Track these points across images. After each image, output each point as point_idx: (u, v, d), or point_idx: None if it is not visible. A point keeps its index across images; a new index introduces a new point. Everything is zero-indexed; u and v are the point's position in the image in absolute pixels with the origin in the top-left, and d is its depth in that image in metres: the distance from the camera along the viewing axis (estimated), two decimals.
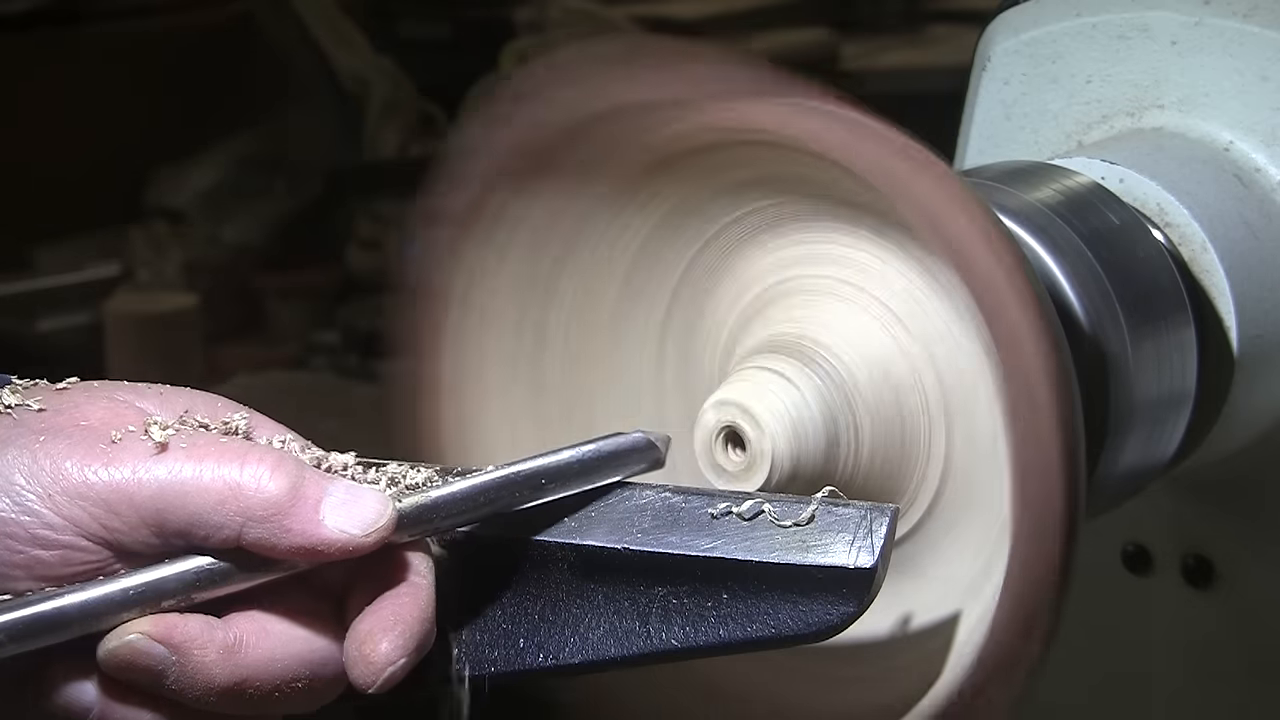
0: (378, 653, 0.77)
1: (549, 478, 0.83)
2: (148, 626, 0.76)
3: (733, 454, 0.88)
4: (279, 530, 0.76)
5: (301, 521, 0.76)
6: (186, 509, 0.75)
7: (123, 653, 0.75)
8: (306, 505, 0.76)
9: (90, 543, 0.76)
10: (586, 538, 0.83)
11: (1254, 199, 1.04)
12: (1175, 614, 1.14)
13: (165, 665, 0.75)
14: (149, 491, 0.75)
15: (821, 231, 0.92)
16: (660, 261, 0.96)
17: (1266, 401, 1.04)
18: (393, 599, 0.78)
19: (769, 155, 0.88)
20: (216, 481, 0.76)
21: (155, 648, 0.75)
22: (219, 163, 3.48)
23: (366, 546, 0.77)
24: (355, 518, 0.77)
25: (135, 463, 0.76)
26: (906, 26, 3.78)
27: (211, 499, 0.75)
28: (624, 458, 0.85)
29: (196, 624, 0.76)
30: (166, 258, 3.30)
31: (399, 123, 3.50)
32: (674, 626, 0.81)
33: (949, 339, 0.88)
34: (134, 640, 0.75)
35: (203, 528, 0.76)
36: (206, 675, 0.76)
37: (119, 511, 0.75)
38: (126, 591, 0.76)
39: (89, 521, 0.75)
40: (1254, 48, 1.04)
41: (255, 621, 0.77)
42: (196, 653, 0.76)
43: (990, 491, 0.88)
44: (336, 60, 3.55)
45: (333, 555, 0.77)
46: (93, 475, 0.75)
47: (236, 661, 0.76)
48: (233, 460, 0.76)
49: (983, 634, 0.81)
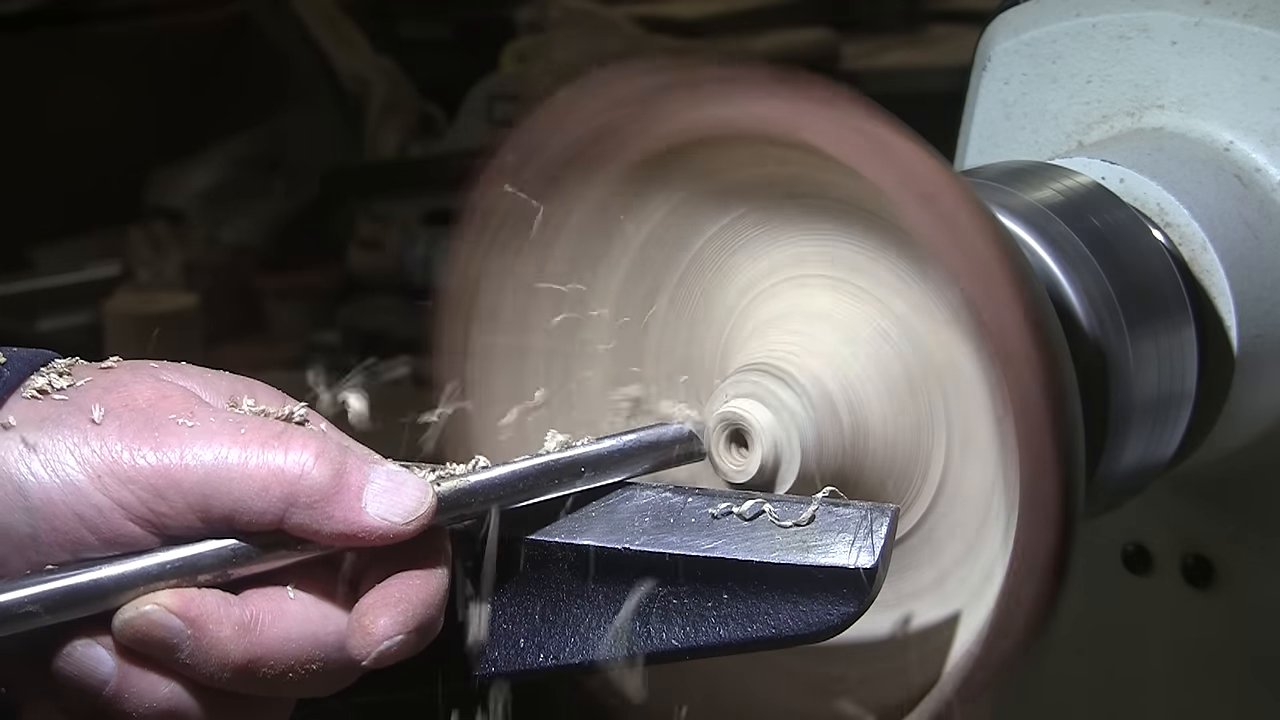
0: (377, 625, 0.77)
1: (588, 465, 0.83)
2: (165, 599, 0.76)
3: (736, 454, 0.88)
4: (322, 516, 0.76)
5: (344, 509, 0.76)
6: (231, 494, 0.76)
7: (139, 623, 0.76)
8: (349, 492, 0.77)
9: (136, 526, 0.76)
10: (586, 538, 0.83)
11: (1254, 199, 1.04)
12: (1175, 614, 1.14)
13: (180, 639, 0.76)
14: (195, 477, 0.76)
15: (820, 231, 0.92)
16: (660, 262, 0.96)
17: (1266, 401, 1.04)
18: (402, 579, 0.78)
19: (771, 156, 0.88)
20: (261, 468, 0.76)
21: (171, 620, 0.76)
22: (219, 163, 3.48)
23: (407, 534, 0.77)
24: (398, 505, 0.77)
25: (182, 447, 0.76)
26: (906, 26, 3.78)
27: (256, 485, 0.76)
28: (664, 448, 0.85)
29: (213, 599, 0.76)
30: (166, 258, 3.30)
31: (399, 123, 3.50)
32: (674, 626, 0.81)
33: (948, 340, 0.88)
34: (150, 612, 0.75)
35: (246, 513, 0.76)
36: (221, 651, 0.76)
37: (166, 496, 0.76)
38: (163, 566, 0.76)
39: (136, 505, 0.75)
40: (1254, 48, 1.04)
41: (272, 600, 0.78)
42: (212, 628, 0.76)
43: (990, 492, 0.88)
44: (336, 60, 3.55)
45: (373, 542, 0.77)
46: (141, 459, 0.75)
47: (251, 639, 0.76)
48: (277, 446, 0.77)
49: (983, 635, 0.81)
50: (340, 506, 0.76)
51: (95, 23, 3.53)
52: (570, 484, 0.83)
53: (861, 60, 3.54)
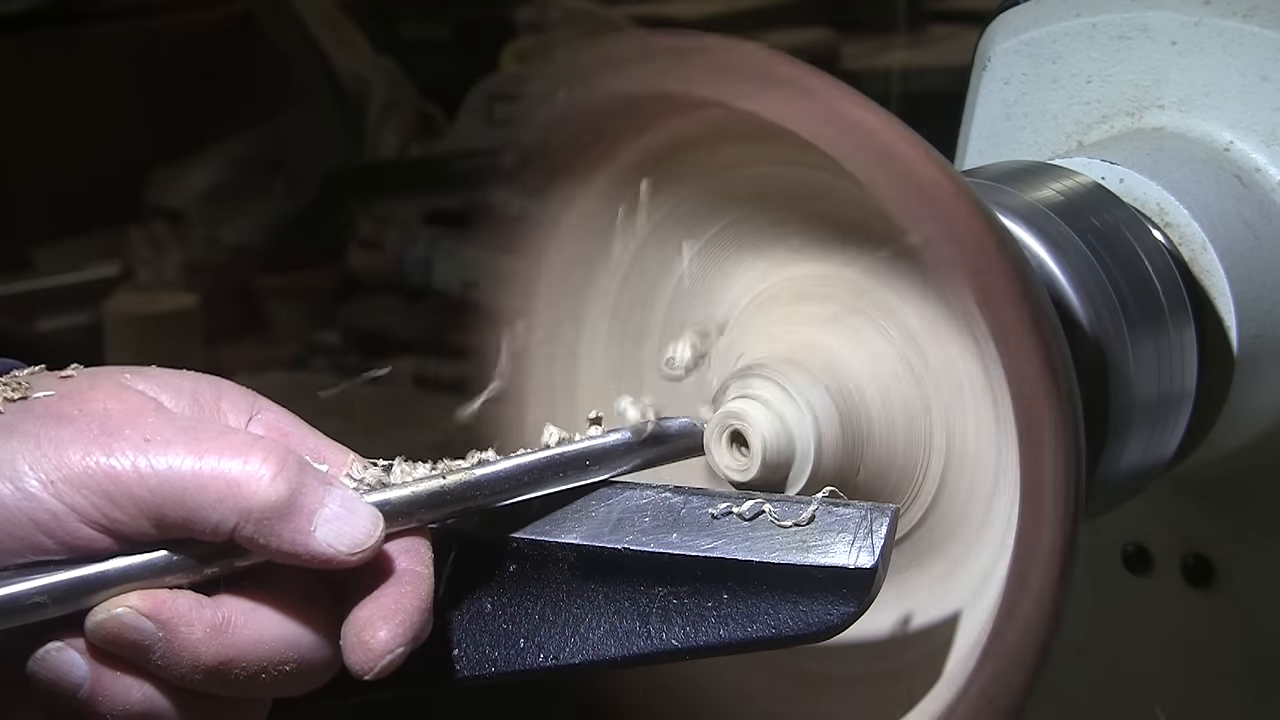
0: (376, 640, 0.77)
1: (593, 459, 0.84)
2: (136, 601, 0.76)
3: (737, 453, 0.88)
4: (270, 534, 0.76)
5: (293, 529, 0.76)
6: (185, 504, 0.75)
7: (110, 625, 0.76)
8: (301, 514, 0.76)
9: (92, 530, 0.76)
10: (586, 538, 0.83)
11: (1254, 199, 1.04)
12: (1175, 614, 1.14)
13: (151, 640, 0.76)
14: (149, 485, 0.75)
15: (820, 232, 0.92)
16: (659, 262, 0.96)
17: (1266, 401, 1.04)
18: (395, 586, 0.78)
19: (772, 155, 0.88)
20: (216, 478, 0.76)
21: (142, 622, 0.76)
22: (219, 163, 3.48)
23: (350, 564, 0.77)
24: (345, 534, 0.77)
25: (136, 454, 0.76)
26: (906, 26, 3.77)
27: (210, 496, 0.75)
28: (669, 441, 0.85)
29: (185, 601, 0.76)
30: (166, 258, 3.30)
31: (399, 123, 3.50)
32: (674, 626, 0.81)
33: (947, 339, 0.88)
34: (121, 614, 0.76)
35: (199, 523, 0.76)
36: (192, 653, 0.76)
37: (119, 502, 0.75)
38: (126, 570, 0.76)
39: (90, 510, 0.75)
40: (1254, 48, 1.04)
41: (245, 602, 0.78)
42: (183, 630, 0.76)
43: (990, 491, 0.88)
44: (336, 60, 3.55)
45: (316, 566, 0.77)
46: (93, 464, 0.75)
47: (223, 641, 0.76)
48: (235, 456, 0.76)
49: (984, 635, 0.81)
50: (289, 527, 0.76)
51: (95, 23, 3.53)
52: (577, 477, 0.83)
53: (861, 60, 3.54)
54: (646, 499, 0.83)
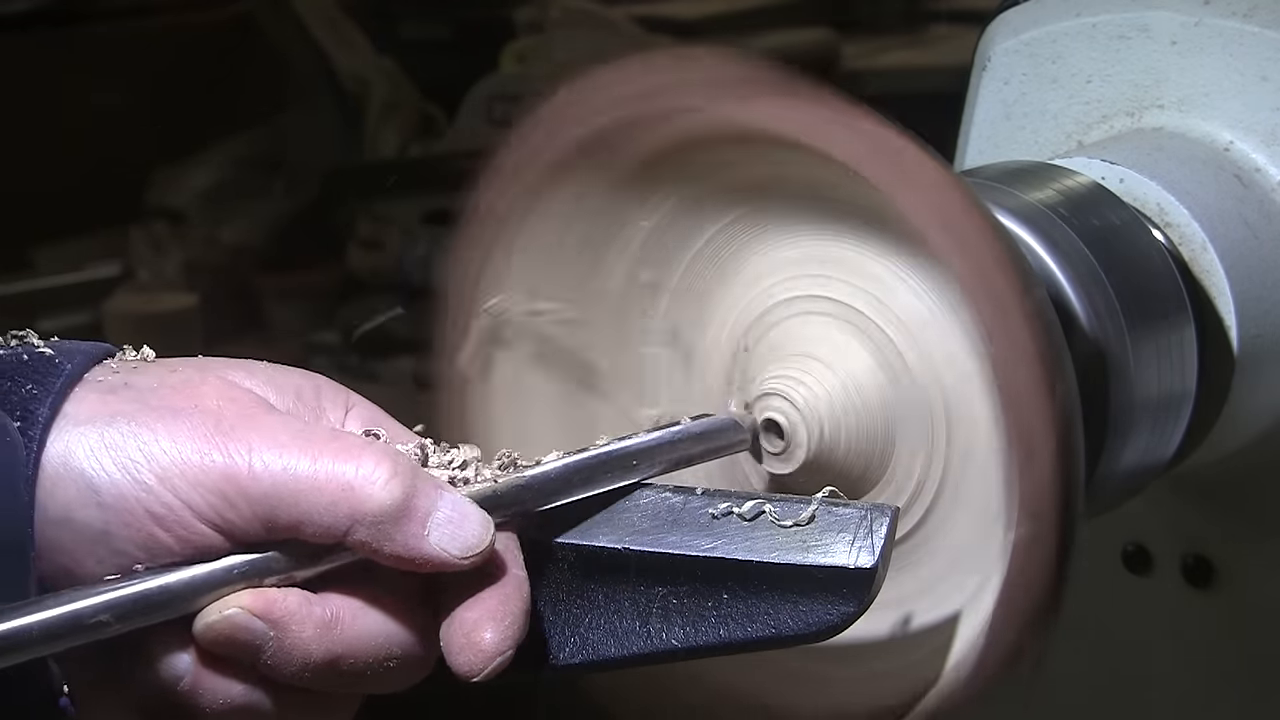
0: (485, 641, 0.77)
1: (639, 458, 0.83)
2: (247, 601, 0.75)
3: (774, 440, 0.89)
4: (384, 538, 0.76)
5: (406, 534, 0.76)
6: (299, 507, 0.75)
7: (221, 627, 0.75)
8: (415, 518, 0.76)
9: (205, 527, 0.75)
10: (586, 538, 0.83)
11: (1254, 199, 1.04)
12: (1175, 614, 1.14)
13: (263, 640, 0.75)
14: (263, 487, 0.75)
15: (821, 231, 0.92)
16: (661, 261, 0.96)
17: (1266, 401, 1.04)
18: (499, 590, 0.78)
19: (773, 155, 0.89)
20: (331, 482, 0.75)
21: (254, 623, 0.75)
22: (219, 163, 3.48)
23: (462, 568, 0.77)
24: (459, 539, 0.77)
25: (251, 455, 0.75)
26: (906, 26, 3.78)
27: (324, 499, 0.75)
28: (711, 439, 0.86)
29: (295, 599, 0.76)
30: (166, 258, 3.30)
31: (399, 123, 3.50)
32: (674, 626, 0.81)
33: (948, 339, 0.88)
34: (233, 615, 0.75)
35: (312, 526, 0.76)
36: (303, 651, 0.76)
37: (234, 503, 0.75)
38: (230, 570, 0.76)
39: (205, 508, 0.75)
40: (1254, 48, 1.04)
41: (351, 599, 0.77)
42: (294, 628, 0.76)
43: (990, 491, 0.88)
44: (336, 60, 3.55)
45: (427, 570, 0.77)
46: (210, 463, 0.75)
47: (333, 638, 0.76)
48: (349, 459, 0.76)
49: (982, 635, 0.81)
50: (403, 531, 0.76)
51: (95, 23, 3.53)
52: (623, 476, 0.83)
53: (861, 60, 3.54)
54: (646, 499, 0.83)
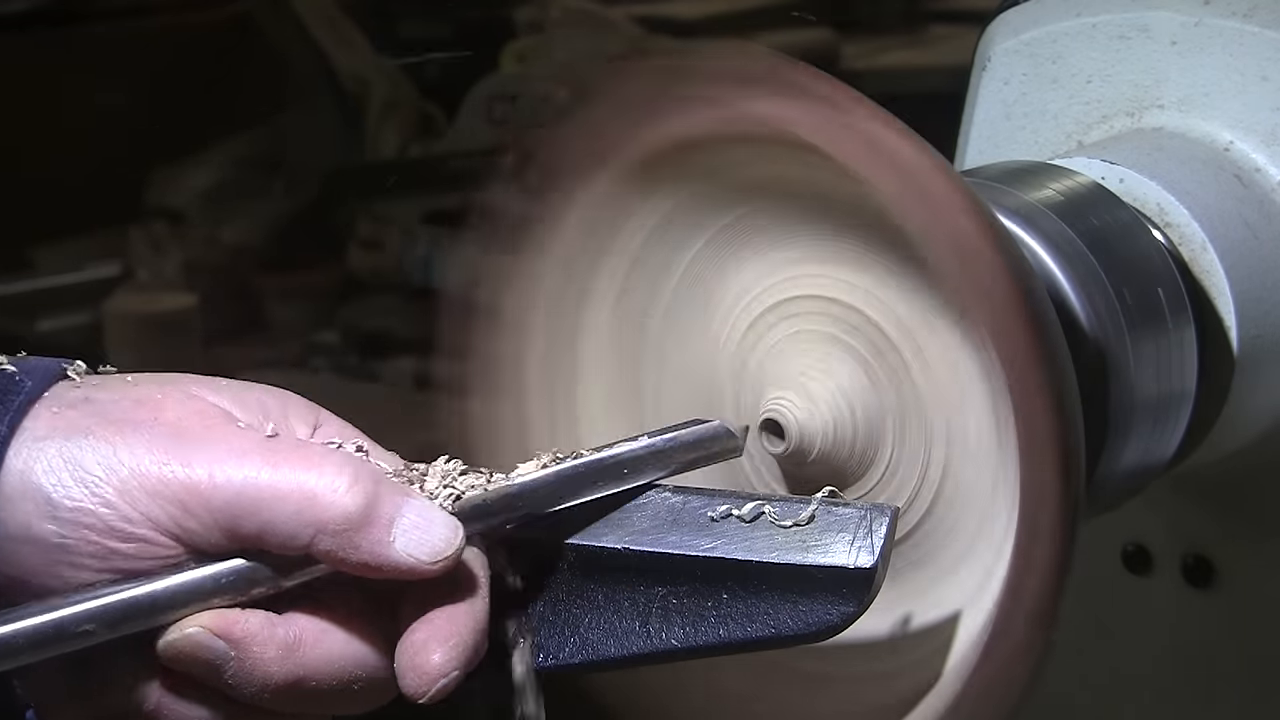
0: (430, 664, 0.76)
1: (630, 466, 0.83)
2: (208, 620, 0.75)
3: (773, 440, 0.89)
4: (348, 546, 0.75)
5: (371, 541, 0.76)
6: (260, 516, 0.75)
7: (182, 645, 0.75)
8: (379, 524, 0.76)
9: (166, 538, 0.75)
10: (586, 538, 0.83)
11: (1254, 199, 1.04)
12: (1175, 614, 1.14)
13: (224, 660, 0.75)
14: (224, 496, 0.75)
15: (821, 231, 0.92)
16: (660, 262, 0.96)
17: (1266, 401, 1.04)
18: (448, 610, 0.78)
19: (773, 155, 0.88)
20: (294, 490, 0.75)
21: (215, 642, 0.75)
22: (219, 163, 3.48)
23: (431, 573, 0.76)
24: (425, 543, 0.76)
25: (212, 465, 0.75)
26: (906, 26, 3.77)
27: (287, 508, 0.75)
28: (703, 445, 0.85)
29: (257, 620, 0.76)
30: (166, 258, 3.30)
31: (399, 123, 3.50)
32: (674, 626, 0.81)
33: (948, 340, 0.88)
34: (194, 633, 0.75)
35: (275, 535, 0.75)
36: (264, 672, 0.76)
37: (194, 513, 0.75)
38: (217, 579, 0.76)
39: (165, 519, 0.75)
40: (1254, 48, 1.04)
41: (315, 621, 0.77)
42: (255, 649, 0.76)
43: (989, 491, 0.88)
44: (336, 60, 3.55)
45: (397, 577, 0.76)
46: (169, 474, 0.75)
47: (295, 660, 0.76)
48: (310, 468, 0.76)
49: (983, 635, 0.81)
50: (368, 538, 0.76)
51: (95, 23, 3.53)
52: (613, 484, 0.82)
53: (861, 60, 3.54)
54: (646, 499, 0.83)
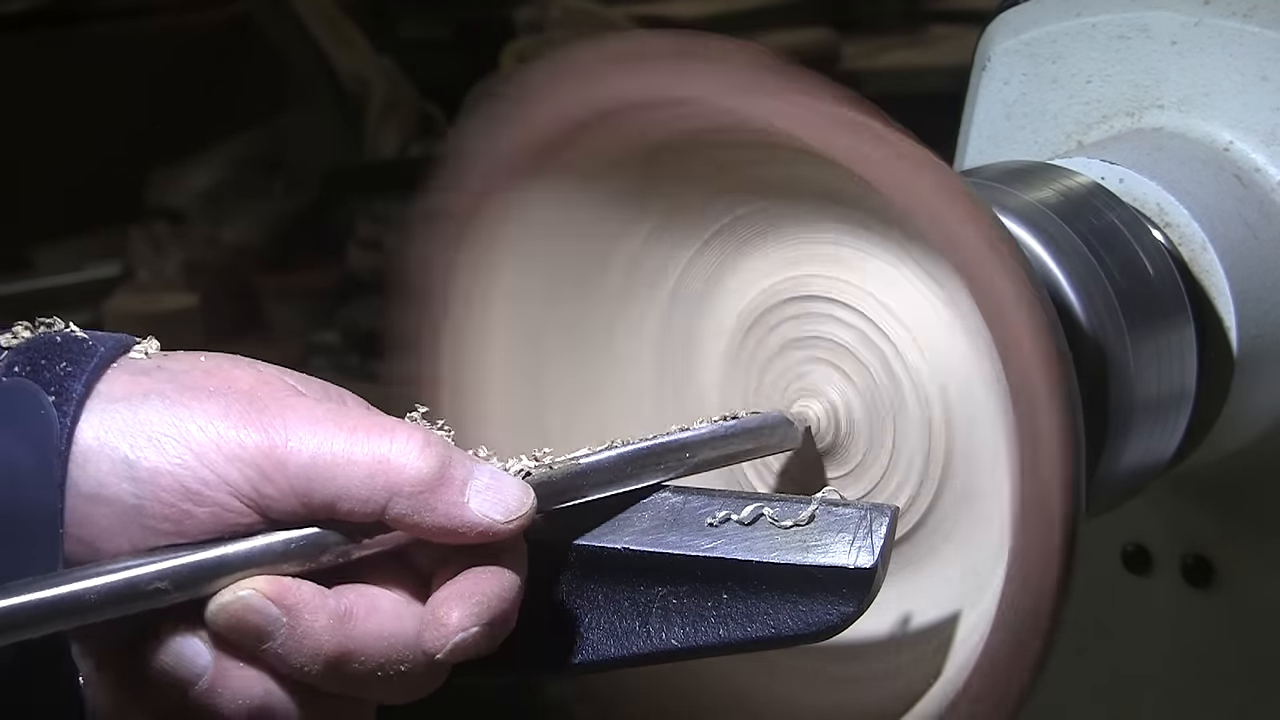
0: (450, 617, 0.76)
1: (691, 450, 0.84)
2: (262, 585, 0.75)
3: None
4: (424, 508, 0.76)
5: (447, 502, 0.76)
6: (336, 481, 0.75)
7: (235, 608, 0.75)
8: (453, 486, 0.76)
9: (241, 503, 0.75)
10: (587, 538, 0.83)
11: (1254, 199, 1.04)
12: (1175, 614, 1.14)
13: (275, 626, 0.75)
14: (300, 461, 0.75)
15: (822, 232, 0.92)
16: (658, 263, 0.96)
17: (1266, 401, 1.04)
18: (474, 573, 0.77)
19: (773, 155, 0.88)
20: (367, 455, 0.75)
21: (268, 606, 0.75)
22: (219, 163, 3.48)
23: (505, 533, 0.77)
24: (500, 503, 0.77)
25: (288, 430, 0.75)
26: (906, 26, 3.78)
27: (361, 471, 0.75)
28: (763, 434, 0.86)
29: (309, 589, 0.76)
30: (166, 258, 3.30)
31: (399, 123, 3.50)
32: (674, 626, 0.81)
33: (949, 340, 0.88)
34: (247, 596, 0.75)
35: (349, 500, 0.75)
36: (315, 641, 0.75)
37: (271, 478, 0.75)
38: (287, 544, 0.75)
39: (241, 483, 0.75)
40: (1254, 48, 1.04)
41: (365, 596, 0.77)
42: (307, 616, 0.75)
43: (990, 492, 0.88)
44: (336, 60, 3.55)
45: (472, 539, 0.76)
46: (246, 439, 0.75)
47: (345, 632, 0.76)
48: (383, 434, 0.76)
49: (983, 635, 0.81)
50: (443, 499, 0.76)
51: (95, 23, 3.53)
52: (671, 469, 0.83)
53: (861, 60, 3.54)
54: (646, 499, 0.83)
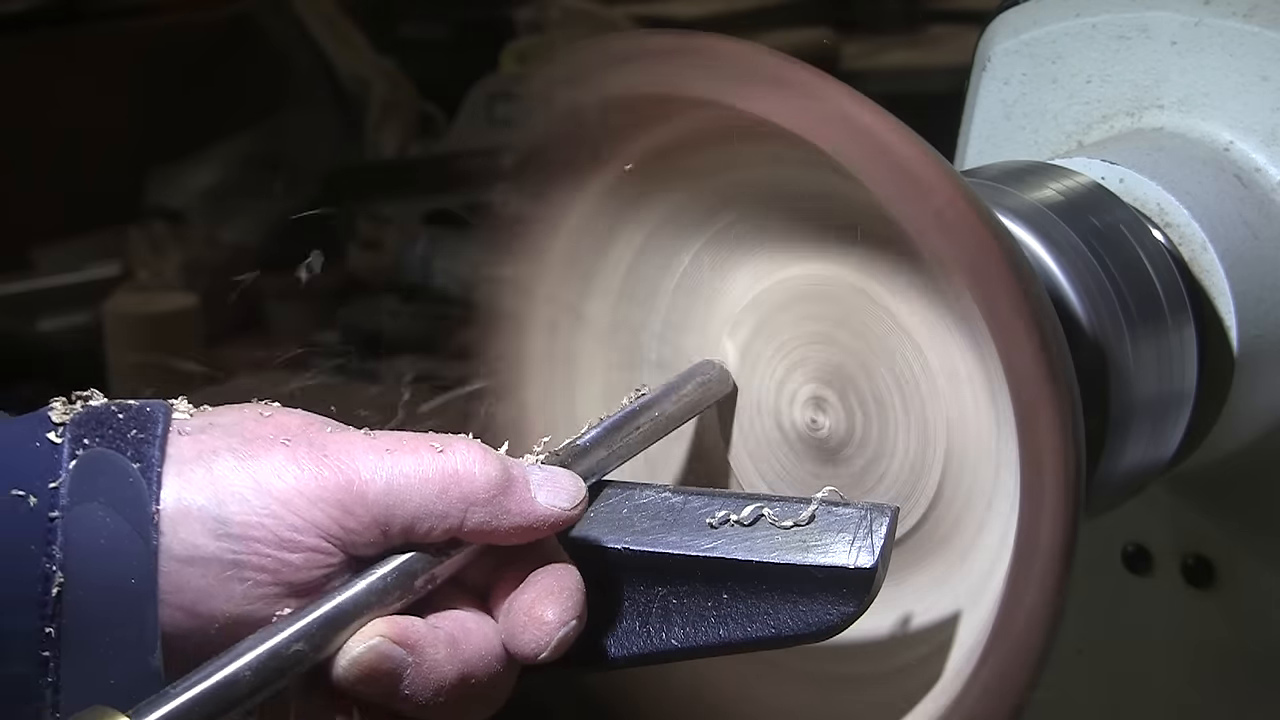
0: (547, 616, 0.77)
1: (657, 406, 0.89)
2: (385, 629, 0.76)
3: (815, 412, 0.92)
4: (500, 512, 0.77)
5: (518, 502, 0.78)
6: (413, 502, 0.76)
7: (368, 658, 0.75)
8: (520, 485, 0.78)
9: (330, 544, 0.76)
10: (586, 538, 0.83)
11: (1254, 199, 1.04)
12: (1175, 614, 1.14)
13: (404, 667, 0.75)
14: (378, 488, 0.76)
15: (820, 232, 0.92)
16: (659, 262, 0.96)
17: (1266, 401, 1.04)
18: (547, 573, 0.79)
19: (773, 155, 0.88)
20: (436, 472, 0.77)
21: (395, 650, 0.75)
22: (219, 163, 3.48)
23: (572, 519, 0.80)
24: (562, 492, 0.79)
25: (359, 463, 0.76)
26: (906, 26, 3.78)
27: (434, 489, 0.76)
28: (702, 380, 0.92)
29: (421, 624, 0.77)
30: (166, 258, 3.30)
31: (399, 123, 3.50)
32: (674, 626, 0.81)
33: (949, 339, 0.88)
34: (377, 644, 0.75)
35: (427, 519, 0.76)
36: (439, 673, 0.76)
37: (353, 512, 0.76)
38: (385, 579, 0.76)
39: (328, 523, 0.76)
40: (1254, 48, 1.04)
41: (455, 620, 0.78)
42: (429, 650, 0.76)
43: (990, 492, 0.88)
44: (336, 60, 3.55)
45: (544, 531, 0.79)
46: (325, 478, 0.76)
47: (460, 656, 0.77)
48: (445, 450, 0.78)
49: (984, 635, 0.81)
50: (514, 500, 0.78)
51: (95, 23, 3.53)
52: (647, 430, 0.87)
53: (861, 60, 3.54)
54: (646, 499, 0.83)
